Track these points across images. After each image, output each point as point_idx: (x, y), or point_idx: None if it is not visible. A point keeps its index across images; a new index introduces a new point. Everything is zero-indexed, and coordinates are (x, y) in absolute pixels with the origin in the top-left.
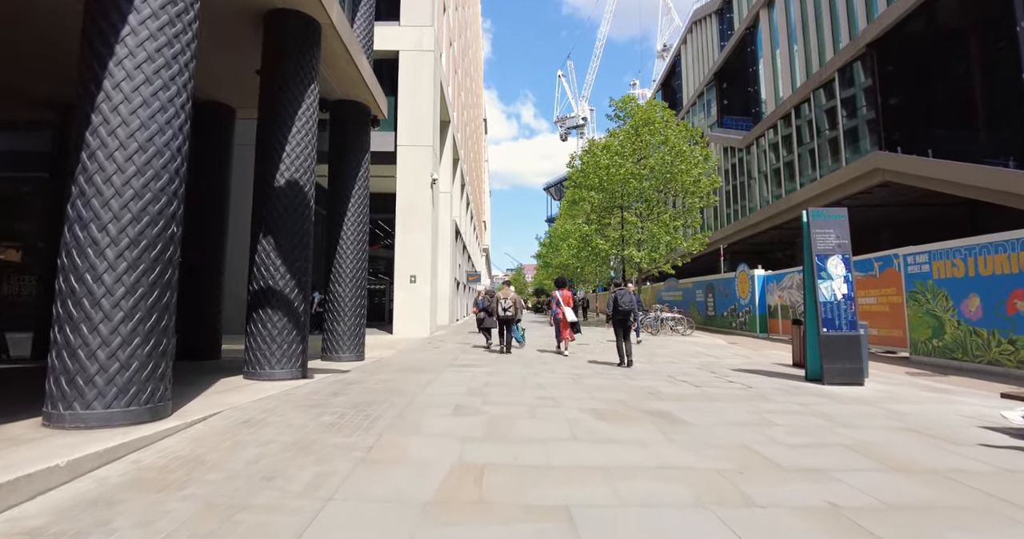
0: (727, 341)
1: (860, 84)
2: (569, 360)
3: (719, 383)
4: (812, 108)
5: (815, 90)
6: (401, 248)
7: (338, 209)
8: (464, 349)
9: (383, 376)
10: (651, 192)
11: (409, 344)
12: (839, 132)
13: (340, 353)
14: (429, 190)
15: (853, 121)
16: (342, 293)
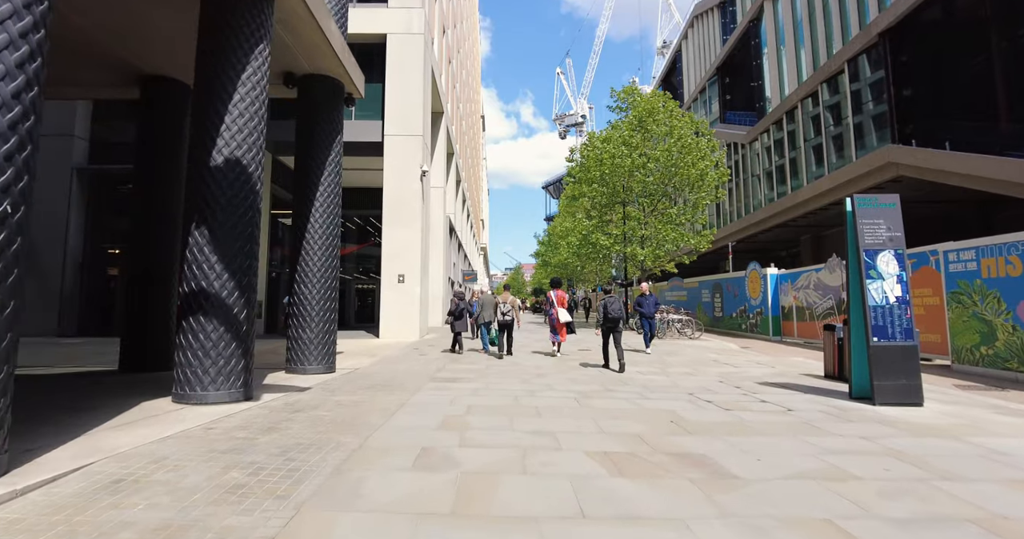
0: (739, 345)
1: (871, 75)
2: (568, 368)
3: (751, 404)
4: (820, 101)
5: (823, 82)
6: (388, 245)
7: (305, 199)
8: (452, 357)
9: (345, 397)
10: (656, 186)
11: (393, 350)
12: (849, 126)
13: (306, 364)
14: (418, 183)
15: (864, 114)
16: (309, 295)
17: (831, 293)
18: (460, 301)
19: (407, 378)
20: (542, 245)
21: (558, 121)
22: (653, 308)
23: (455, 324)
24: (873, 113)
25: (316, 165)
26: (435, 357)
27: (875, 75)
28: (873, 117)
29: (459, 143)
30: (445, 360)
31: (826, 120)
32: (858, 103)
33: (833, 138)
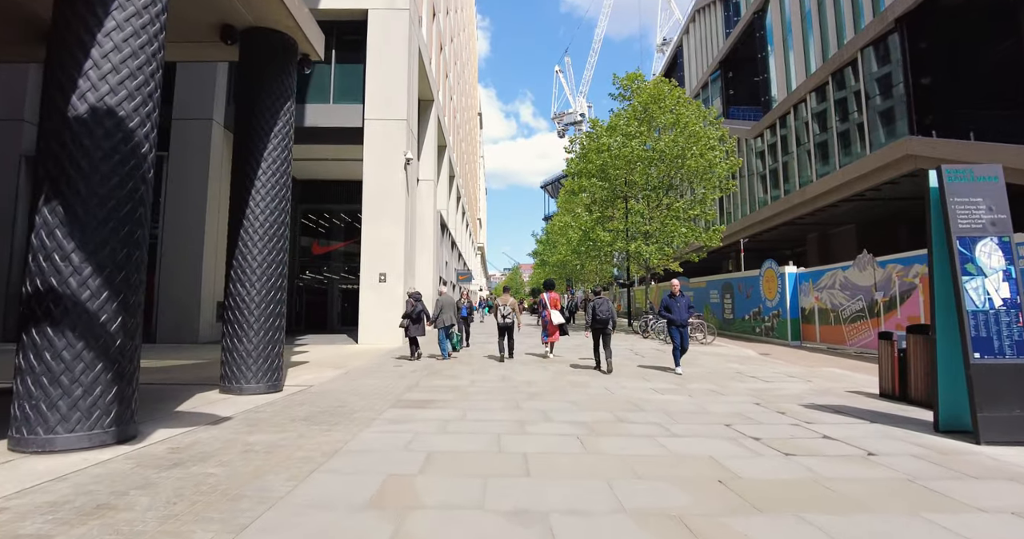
0: (757, 351)
1: (887, 64)
2: (566, 384)
3: (814, 443)
4: (831, 93)
5: (834, 73)
6: (368, 241)
7: (245, 178)
8: (432, 368)
9: (264, 436)
10: (662, 177)
11: (368, 359)
12: (863, 118)
13: (242, 382)
14: (402, 172)
15: (878, 105)
16: (247, 297)
17: (861, 294)
18: (417, 302)
19: (365, 401)
20: (540, 244)
21: (557, 120)
22: (686, 313)
23: (411, 328)
24: (889, 104)
25: (259, 137)
26: (412, 369)
27: (891, 64)
28: (889, 109)
29: (452, 136)
30: (422, 373)
31: (837, 113)
32: (872, 94)
33: (844, 132)
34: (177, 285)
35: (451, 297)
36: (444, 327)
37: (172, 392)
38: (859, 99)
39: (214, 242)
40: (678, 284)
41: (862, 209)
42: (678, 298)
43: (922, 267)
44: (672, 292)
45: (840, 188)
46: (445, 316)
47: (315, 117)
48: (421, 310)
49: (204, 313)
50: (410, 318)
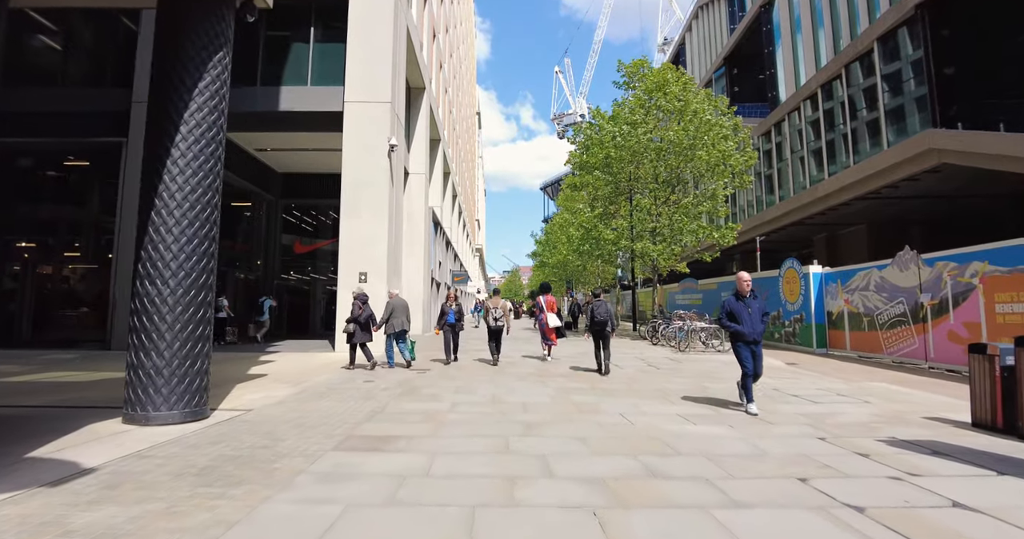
0: (782, 361)
1: (907, 53)
2: (572, 407)
3: (949, 519)
4: (844, 86)
5: (848, 65)
6: (347, 237)
7: (159, 144)
8: (410, 385)
9: (117, 509)
10: (671, 171)
11: (335, 372)
12: (879, 111)
13: (151, 409)
14: (386, 159)
15: (897, 97)
16: (159, 299)
17: (902, 296)
18: (364, 305)
19: (304, 438)
20: (540, 244)
21: (557, 121)
22: (760, 323)
23: (359, 334)
24: (909, 96)
25: (179, 94)
26: (384, 385)
27: (911, 53)
28: (909, 101)
29: (447, 130)
30: (395, 392)
31: (851, 106)
32: (890, 86)
33: (859, 127)
34: None
35: (403, 300)
36: (394, 333)
37: (62, 419)
38: (875, 92)
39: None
40: (747, 279)
41: (874, 209)
42: (748, 300)
43: (982, 265)
44: (739, 291)
45: (854, 186)
46: (396, 321)
47: (291, 101)
48: (369, 314)
49: None
50: (356, 322)
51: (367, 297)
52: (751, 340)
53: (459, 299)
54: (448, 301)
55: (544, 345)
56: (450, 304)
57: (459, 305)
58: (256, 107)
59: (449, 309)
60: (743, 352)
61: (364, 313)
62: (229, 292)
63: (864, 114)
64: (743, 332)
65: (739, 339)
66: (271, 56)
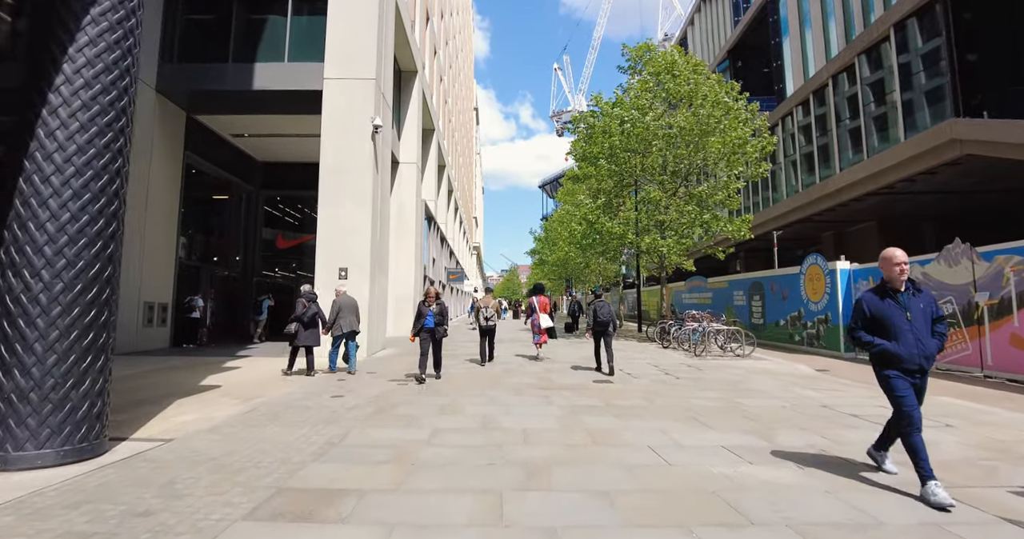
0: (811, 367)
1: (926, 40)
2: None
3: None
4: (857, 76)
5: (861, 54)
6: (325, 228)
7: (40, 78)
8: (386, 401)
9: None
10: (681, 160)
11: (303, 384)
12: (896, 101)
13: (12, 447)
14: (369, 142)
15: (916, 86)
16: (26, 295)
17: (950, 295)
18: (310, 303)
19: (213, 494)
20: (539, 241)
21: (556, 118)
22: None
23: (301, 335)
24: (928, 85)
25: (65, 22)
26: (354, 403)
27: (931, 40)
28: (929, 90)
29: (442, 121)
30: (364, 412)
31: (865, 97)
32: (908, 74)
33: (874, 118)
34: None
35: (352, 299)
36: (341, 334)
37: None
38: (891, 81)
39: (138, 229)
40: (903, 260)
41: (885, 205)
42: (905, 297)
43: None
44: (888, 281)
45: (867, 180)
46: (343, 321)
47: (266, 79)
48: (315, 313)
49: (125, 316)
50: (300, 322)
51: (315, 295)
52: (914, 367)
53: (441, 297)
54: (426, 300)
55: (536, 344)
56: (429, 303)
57: (441, 305)
58: (227, 85)
59: (427, 310)
60: (899, 386)
61: (308, 311)
62: (204, 290)
63: (879, 105)
64: (899, 355)
65: (891, 365)
66: (244, 29)
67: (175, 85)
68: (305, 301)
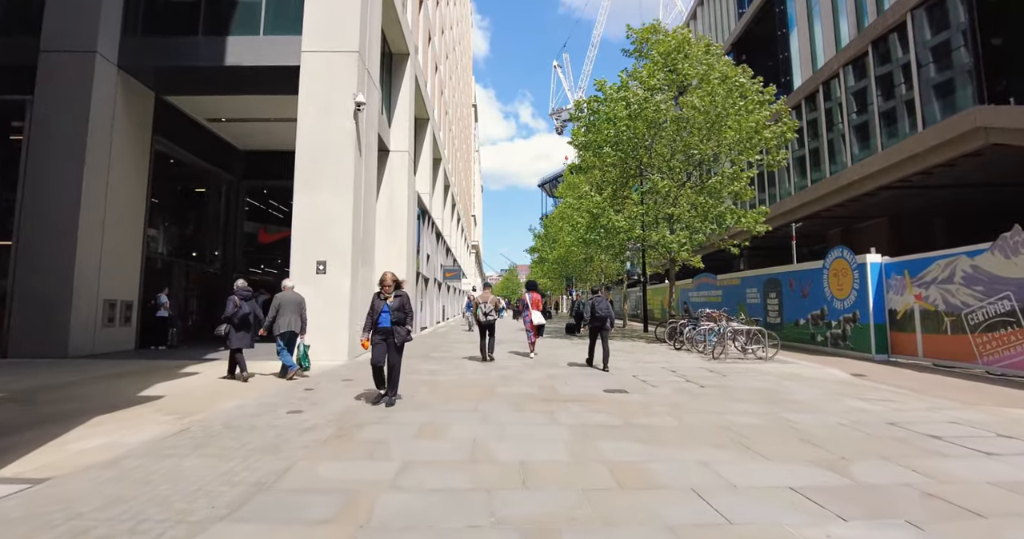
0: (846, 371)
1: (946, 24)
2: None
3: None
4: (871, 65)
5: (875, 42)
6: (300, 217)
7: None
8: (354, 420)
9: None
10: (693, 145)
11: (260, 395)
12: (913, 90)
13: None
14: (350, 121)
15: (935, 73)
16: None
17: (1008, 290)
18: (244, 300)
19: None
20: (539, 239)
21: (555, 116)
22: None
23: (233, 337)
24: (948, 73)
25: None
26: (313, 422)
27: (951, 24)
28: (949, 77)
29: (437, 110)
30: (322, 434)
31: (879, 87)
32: (926, 61)
33: (889, 109)
34: (39, 276)
35: (297, 295)
36: (281, 333)
37: None
38: (908, 69)
39: (98, 218)
40: None
41: (898, 200)
42: None
43: None
44: None
45: (880, 173)
46: (283, 320)
47: (240, 53)
48: (248, 312)
49: (81, 316)
50: (230, 322)
51: (249, 292)
52: None
53: (401, 289)
54: (382, 290)
55: (530, 341)
56: (385, 295)
57: (402, 297)
58: (198, 60)
59: (382, 303)
60: None
61: (240, 311)
62: (177, 286)
63: (894, 95)
64: None
65: None
66: None
67: (140, 61)
68: (237, 299)
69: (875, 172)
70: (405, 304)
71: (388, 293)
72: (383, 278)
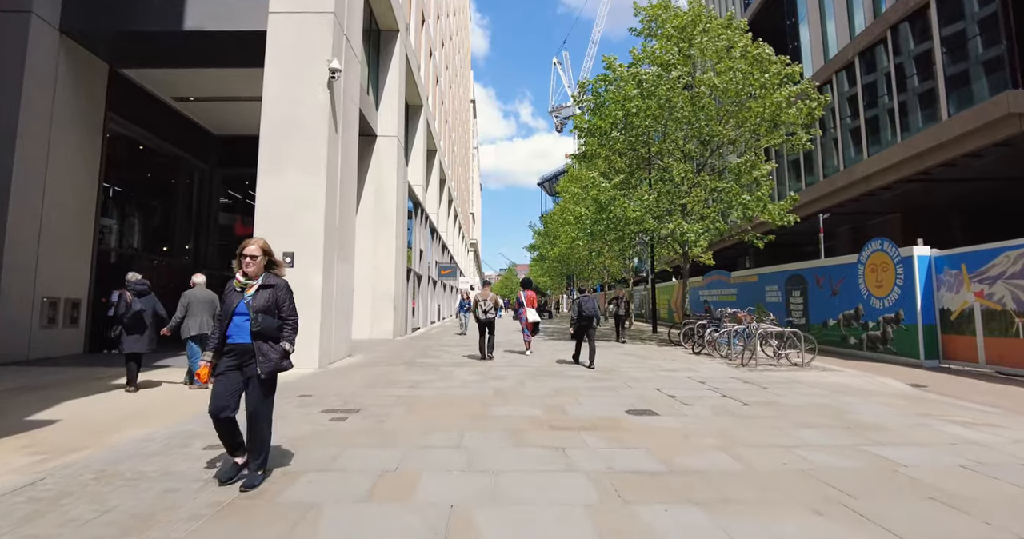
0: (901, 381)
1: (973, 5)
2: None
3: None
4: (889, 52)
5: (894, 26)
6: (264, 201)
7: None
8: (301, 458)
9: None
10: (713, 128)
11: (188, 419)
12: (935, 77)
13: None
14: (325, 93)
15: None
16: None
17: None
18: (138, 297)
19: None
20: (539, 235)
21: (555, 113)
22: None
23: (126, 340)
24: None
25: None
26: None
27: (980, 6)
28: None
29: (432, 99)
30: (231, 489)
31: (897, 75)
32: (951, 47)
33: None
34: None
35: (208, 293)
36: (193, 337)
37: None
38: (930, 56)
39: (33, 202)
40: None
41: (915, 194)
42: None
43: None
44: None
45: (901, 165)
46: (194, 321)
47: (200, 15)
48: (139, 310)
49: (10, 315)
50: (121, 323)
51: (145, 286)
52: None
53: (279, 270)
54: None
55: (526, 338)
56: (244, 282)
57: (276, 291)
58: (151, 25)
59: (239, 300)
60: None
61: (131, 310)
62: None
63: (915, 82)
64: None
65: None
66: None
67: (88, 25)
68: (129, 295)
69: (894, 164)
70: (282, 301)
71: (253, 278)
72: (242, 247)
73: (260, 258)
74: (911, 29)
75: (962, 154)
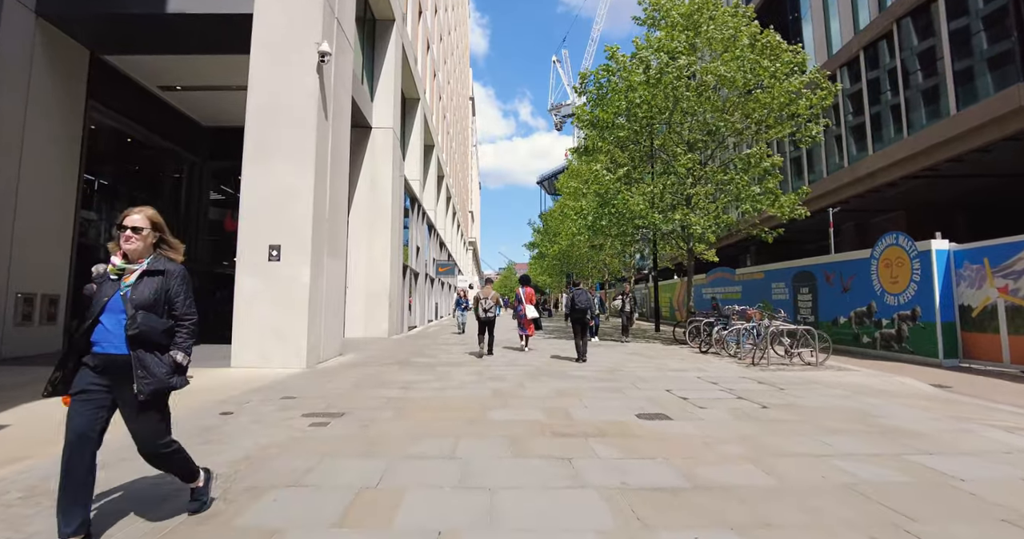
0: (921, 381)
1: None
2: None
3: None
4: (895, 46)
5: (900, 19)
6: (249, 193)
7: None
8: (251, 480)
9: None
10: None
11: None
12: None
13: None
14: (313, 76)
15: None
16: None
17: None
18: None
19: None
20: (538, 233)
21: (554, 112)
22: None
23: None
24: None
25: None
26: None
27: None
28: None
29: (429, 92)
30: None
31: (907, 68)
32: (960, 39)
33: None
34: None
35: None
36: None
37: None
38: (939, 49)
39: (6, 193)
40: None
41: (919, 191)
42: None
43: None
44: None
45: (907, 161)
46: None
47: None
48: None
49: None
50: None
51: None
52: None
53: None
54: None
55: (521, 335)
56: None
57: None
58: (132, 7)
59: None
60: None
61: None
62: None
63: (921, 78)
64: None
65: None
66: None
67: (66, 7)
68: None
69: (900, 160)
70: (175, 293)
71: (135, 260)
72: (121, 218)
73: (147, 233)
74: (918, 23)
75: (970, 149)
